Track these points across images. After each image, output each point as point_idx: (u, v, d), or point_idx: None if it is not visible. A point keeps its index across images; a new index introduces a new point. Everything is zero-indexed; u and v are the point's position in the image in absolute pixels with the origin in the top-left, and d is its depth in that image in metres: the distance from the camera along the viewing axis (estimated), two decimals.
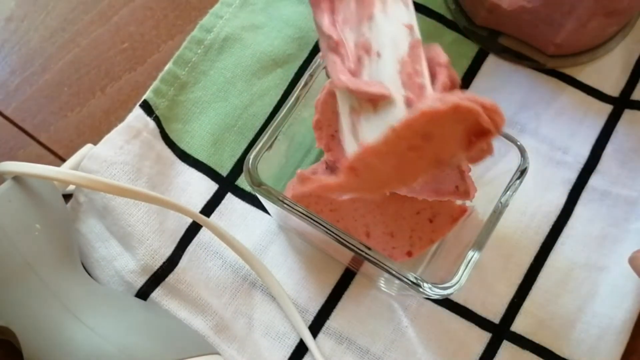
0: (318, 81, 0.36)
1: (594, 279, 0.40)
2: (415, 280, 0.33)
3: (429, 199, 0.36)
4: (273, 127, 0.36)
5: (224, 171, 0.42)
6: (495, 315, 0.39)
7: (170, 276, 0.39)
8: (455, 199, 0.37)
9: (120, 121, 0.41)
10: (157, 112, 0.42)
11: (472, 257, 0.34)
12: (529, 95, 0.43)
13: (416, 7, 0.44)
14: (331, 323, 0.39)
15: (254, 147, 0.35)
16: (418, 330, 0.39)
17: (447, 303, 0.39)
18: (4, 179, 0.36)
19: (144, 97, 0.42)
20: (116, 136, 0.40)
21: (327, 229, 0.34)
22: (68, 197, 0.40)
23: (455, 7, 0.45)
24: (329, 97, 0.35)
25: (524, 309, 0.39)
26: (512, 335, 0.39)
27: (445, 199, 0.36)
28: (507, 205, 0.35)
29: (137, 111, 0.42)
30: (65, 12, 0.46)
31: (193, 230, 0.40)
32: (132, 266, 0.38)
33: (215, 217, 0.41)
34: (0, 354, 0.38)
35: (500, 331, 0.39)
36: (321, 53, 0.34)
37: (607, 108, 0.43)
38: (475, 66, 0.44)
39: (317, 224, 0.34)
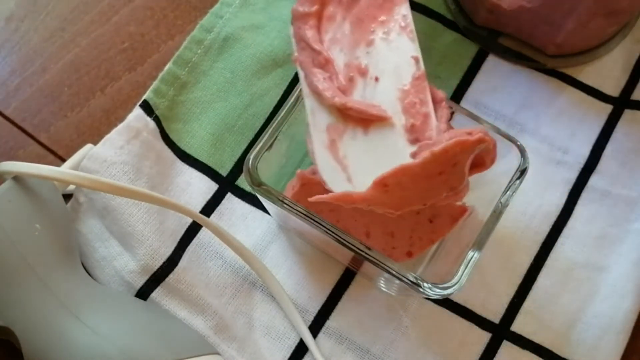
0: None
1: (594, 279, 0.40)
2: (415, 280, 0.33)
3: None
4: (273, 127, 0.36)
5: (224, 171, 0.42)
6: (495, 315, 0.39)
7: (170, 276, 0.39)
8: (447, 200, 0.37)
9: (120, 121, 0.41)
10: (157, 112, 0.42)
11: (472, 257, 0.34)
12: (529, 95, 0.43)
13: (416, 7, 0.45)
14: (331, 323, 0.39)
15: (254, 147, 0.35)
16: (418, 331, 0.39)
17: (447, 303, 0.39)
18: (4, 179, 0.36)
19: (144, 97, 0.42)
20: (116, 136, 0.40)
21: (327, 229, 0.34)
22: (68, 197, 0.40)
23: (455, 7, 0.45)
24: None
25: (524, 309, 0.39)
26: (512, 335, 0.39)
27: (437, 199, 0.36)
28: (507, 205, 0.35)
29: (137, 111, 0.42)
30: (65, 12, 0.46)
31: (193, 230, 0.40)
32: (132, 266, 0.38)
33: (215, 217, 0.41)
34: (0, 354, 0.38)
35: (500, 331, 0.39)
36: (299, 65, 0.35)
37: (607, 108, 0.43)
38: (475, 66, 0.44)
39: (317, 224, 0.34)
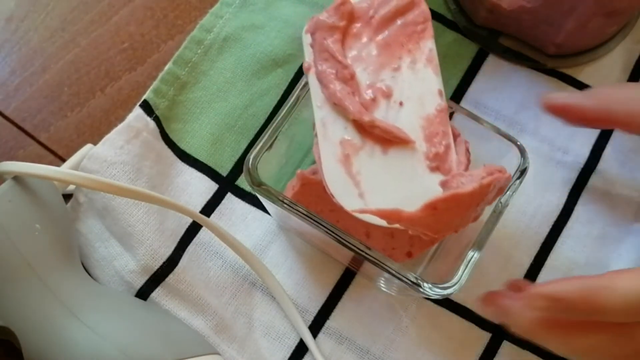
0: None
1: None
2: (415, 280, 0.33)
3: None
4: (273, 127, 0.36)
5: (224, 171, 0.42)
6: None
7: (170, 276, 0.39)
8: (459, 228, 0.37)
9: (120, 121, 0.41)
10: (157, 112, 0.42)
11: (472, 257, 0.34)
12: (529, 95, 0.43)
13: None
14: (331, 323, 0.39)
15: (254, 147, 0.35)
16: (418, 330, 0.39)
17: (447, 303, 0.39)
18: (4, 179, 0.36)
19: (144, 97, 0.42)
20: (116, 136, 0.40)
21: (327, 229, 0.34)
22: (68, 197, 0.40)
23: (455, 7, 0.45)
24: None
25: None
26: (512, 335, 0.39)
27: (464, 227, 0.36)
28: (507, 205, 0.35)
29: (137, 111, 0.42)
30: (65, 12, 0.46)
31: (193, 230, 0.40)
32: (132, 266, 0.38)
33: (215, 217, 0.41)
34: (0, 353, 0.38)
35: (500, 331, 0.39)
36: (317, 74, 0.35)
37: None
38: (475, 66, 0.44)
39: (317, 224, 0.34)
